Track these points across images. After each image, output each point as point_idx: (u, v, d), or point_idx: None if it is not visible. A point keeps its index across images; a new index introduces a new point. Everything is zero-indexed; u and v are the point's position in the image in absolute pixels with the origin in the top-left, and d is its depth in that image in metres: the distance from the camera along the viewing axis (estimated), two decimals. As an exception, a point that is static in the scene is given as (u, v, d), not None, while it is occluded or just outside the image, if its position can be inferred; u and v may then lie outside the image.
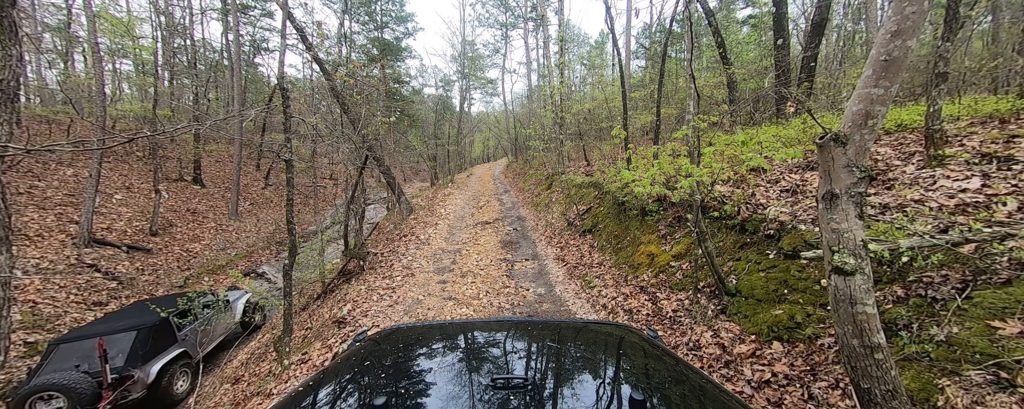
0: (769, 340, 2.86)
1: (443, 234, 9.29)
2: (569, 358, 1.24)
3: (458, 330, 1.57)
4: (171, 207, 13.77)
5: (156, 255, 11.39)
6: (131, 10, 18.71)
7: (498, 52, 27.39)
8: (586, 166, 11.04)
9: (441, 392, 1.01)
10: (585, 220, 7.71)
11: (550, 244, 7.82)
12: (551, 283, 5.77)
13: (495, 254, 7.67)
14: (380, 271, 7.39)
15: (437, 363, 1.25)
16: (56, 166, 12.65)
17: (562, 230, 8.28)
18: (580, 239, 7.26)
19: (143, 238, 11.67)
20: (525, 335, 1.45)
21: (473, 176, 24.34)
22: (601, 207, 7.35)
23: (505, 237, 8.86)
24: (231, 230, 14.33)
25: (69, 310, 8.44)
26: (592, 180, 8.72)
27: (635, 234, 5.53)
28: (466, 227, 9.94)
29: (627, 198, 5.89)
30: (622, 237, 5.89)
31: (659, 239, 4.99)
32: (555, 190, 11.37)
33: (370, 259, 7.98)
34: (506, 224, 10.02)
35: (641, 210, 5.61)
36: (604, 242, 6.31)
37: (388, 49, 22.56)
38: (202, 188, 15.79)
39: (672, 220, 5.05)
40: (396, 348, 1.37)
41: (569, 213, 8.72)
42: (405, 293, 5.64)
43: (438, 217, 11.16)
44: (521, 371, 1.16)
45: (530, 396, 0.91)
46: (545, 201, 11.21)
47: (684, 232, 4.66)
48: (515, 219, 10.65)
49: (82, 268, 9.64)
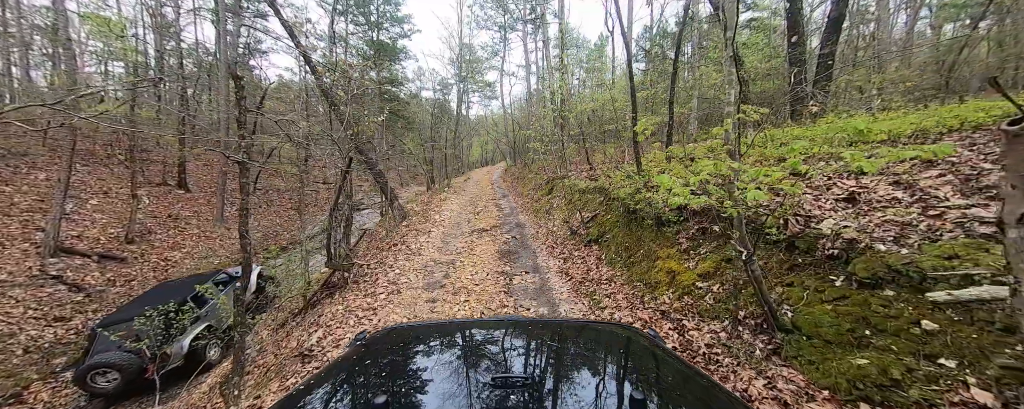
0: (854, 400, 2.12)
1: (436, 243, 8.54)
2: (569, 357, 1.23)
3: (458, 329, 1.54)
4: (151, 213, 12.96)
5: (130, 264, 10.57)
6: (123, 12, 18.01)
7: (496, 55, 26.81)
8: (589, 170, 10.34)
9: (441, 391, 0.99)
10: (590, 229, 6.99)
11: (552, 255, 7.09)
12: (555, 301, 5.02)
13: (492, 266, 6.92)
14: (364, 286, 6.64)
15: (437, 362, 1.23)
16: (28, 170, 11.85)
17: (565, 239, 7.54)
18: (585, 250, 6.53)
19: (117, 246, 10.85)
20: (525, 334, 1.43)
21: (471, 180, 23.63)
22: (608, 214, 6.62)
23: (503, 246, 8.12)
24: (216, 237, 13.53)
25: (25, 327, 7.62)
26: (597, 185, 8.01)
27: (650, 247, 4.80)
28: (462, 235, 9.20)
29: (639, 205, 5.17)
30: (634, 250, 5.16)
31: (680, 254, 4.27)
32: (556, 195, 10.66)
33: (355, 271, 7.22)
34: (504, 232, 9.29)
35: (656, 219, 4.88)
36: (613, 254, 5.58)
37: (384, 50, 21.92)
38: (187, 193, 15.00)
39: (695, 232, 4.33)
40: (396, 347, 1.36)
41: (572, 220, 8.00)
42: (387, 314, 4.88)
43: (432, 224, 10.41)
44: (521, 370, 1.14)
45: (530, 395, 0.90)
46: (545, 207, 10.49)
47: (711, 247, 3.94)
48: (514, 226, 9.91)
49: (45, 280, 8.82)
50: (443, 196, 15.47)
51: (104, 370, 5.34)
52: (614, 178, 7.54)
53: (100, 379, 5.37)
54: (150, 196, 13.80)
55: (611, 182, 7.44)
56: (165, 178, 14.85)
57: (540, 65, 25.74)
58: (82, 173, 13.29)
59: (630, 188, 5.62)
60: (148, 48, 18.17)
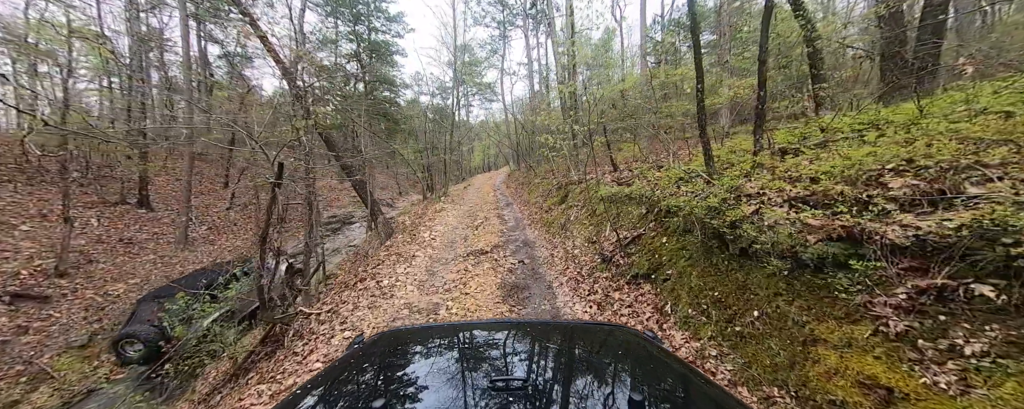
0: None
1: (419, 274, 6.30)
2: (568, 359, 1.19)
3: (455, 332, 1.51)
4: (98, 238, 10.90)
5: (54, 304, 8.46)
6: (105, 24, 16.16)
7: (496, 53, 24.70)
8: (613, 172, 8.06)
9: (439, 394, 0.97)
10: (633, 256, 4.71)
11: (578, 294, 4.81)
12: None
13: (492, 309, 4.70)
14: (305, 345, 4.43)
15: (435, 365, 1.18)
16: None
17: (593, 268, 5.26)
18: (632, 291, 4.25)
19: (42, 282, 8.77)
20: (523, 337, 1.39)
21: (471, 187, 21.46)
22: (664, 237, 4.33)
23: (507, 277, 5.86)
24: (176, 262, 11.41)
25: None
26: (632, 191, 5.74)
27: (782, 307, 2.50)
28: (454, 259, 6.96)
29: (744, 232, 2.87)
30: (738, 306, 2.87)
31: (886, 342, 1.95)
32: (572, 204, 8.38)
33: (300, 322, 5.00)
34: (509, 254, 7.04)
35: (792, 259, 2.54)
36: (689, 308, 3.29)
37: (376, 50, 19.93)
38: (149, 212, 12.95)
39: (913, 293, 1.99)
40: (394, 350, 1.32)
41: (601, 241, 5.72)
42: None
43: (419, 244, 8.18)
44: (520, 373, 1.10)
45: (529, 398, 0.88)
46: (560, 220, 8.21)
47: (979, 331, 1.65)
48: (520, 245, 7.66)
49: (-77, 333, 6.74)
50: (439, 206, 13.27)
51: (132, 340, 5.95)
52: (660, 182, 5.26)
53: (129, 348, 6.00)
54: (102, 217, 11.77)
55: (657, 186, 5.16)
56: (124, 196, 12.83)
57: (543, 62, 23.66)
58: (22, 194, 11.32)
59: (710, 199, 3.35)
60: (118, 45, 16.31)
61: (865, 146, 3.25)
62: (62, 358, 7.24)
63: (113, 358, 6.45)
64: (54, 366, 6.93)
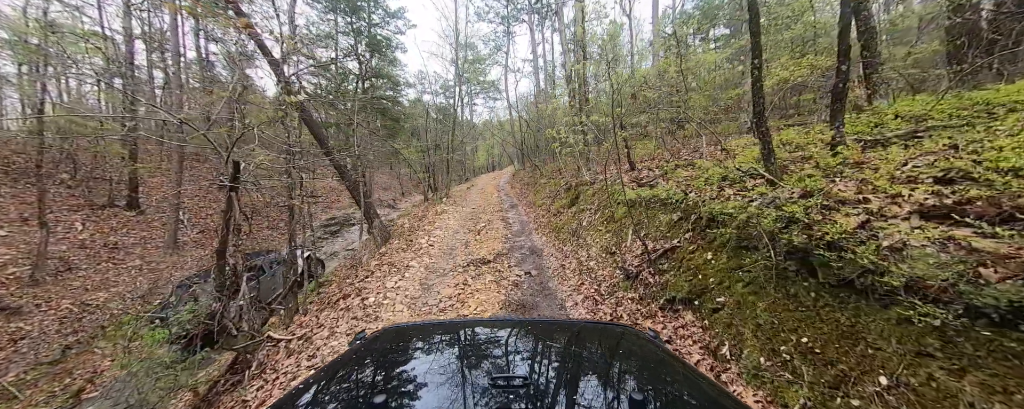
0: None
1: (412, 289, 5.46)
2: (570, 358, 1.17)
3: (458, 329, 1.48)
4: (81, 243, 10.24)
5: (26, 316, 7.79)
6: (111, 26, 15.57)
7: (500, 50, 23.83)
8: (629, 171, 7.16)
9: (440, 391, 0.94)
10: (666, 274, 3.82)
11: (597, 318, 3.95)
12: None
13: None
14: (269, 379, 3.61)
15: (437, 362, 1.13)
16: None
17: (615, 287, 4.39)
18: (667, 318, 3.37)
19: (14, 291, 8.11)
20: (525, 335, 1.36)
21: (475, 187, 20.65)
22: (706, 252, 3.44)
23: (512, 292, 5.00)
24: (164, 267, 10.72)
25: None
26: (657, 194, 4.84)
27: (940, 378, 1.62)
28: (453, 270, 6.12)
29: (857, 257, 1.97)
30: (844, 359, 1.98)
31: None
32: (584, 208, 7.50)
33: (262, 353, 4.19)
34: (514, 263, 6.18)
35: (951, 303, 1.66)
36: (758, 353, 2.41)
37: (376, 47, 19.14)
38: (138, 215, 12.29)
39: None
40: (396, 347, 1.28)
41: (623, 252, 4.84)
42: None
43: (414, 252, 7.35)
44: (521, 371, 1.07)
45: (530, 396, 0.85)
46: (570, 224, 7.33)
47: None
48: (527, 252, 6.80)
49: None
50: (440, 208, 12.45)
51: (162, 321, 5.82)
52: (694, 183, 4.37)
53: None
54: (88, 221, 11.12)
55: (691, 188, 4.27)
56: (112, 198, 12.18)
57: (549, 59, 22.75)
58: (4, 196, 10.71)
59: (788, 207, 2.46)
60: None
61: (987, 133, 2.34)
62: (30, 375, 6.55)
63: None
64: (18, 385, 6.24)
